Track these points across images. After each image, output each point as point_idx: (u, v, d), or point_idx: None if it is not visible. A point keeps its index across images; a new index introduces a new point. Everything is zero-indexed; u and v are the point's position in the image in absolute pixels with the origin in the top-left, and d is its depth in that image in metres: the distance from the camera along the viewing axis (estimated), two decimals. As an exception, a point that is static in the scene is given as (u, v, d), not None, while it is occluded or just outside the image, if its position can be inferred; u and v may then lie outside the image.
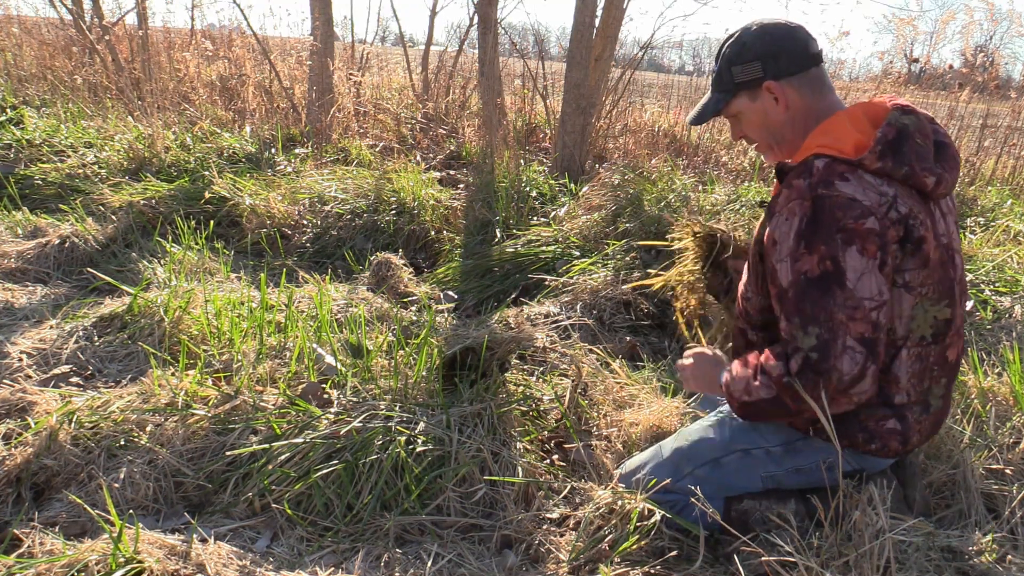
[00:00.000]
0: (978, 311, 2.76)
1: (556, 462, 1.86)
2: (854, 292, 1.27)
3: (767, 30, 1.47)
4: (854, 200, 1.29)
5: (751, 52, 1.47)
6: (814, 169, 1.35)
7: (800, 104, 1.46)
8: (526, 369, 2.26)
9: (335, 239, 3.55)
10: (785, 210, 1.35)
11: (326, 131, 5.30)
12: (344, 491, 1.60)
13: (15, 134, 4.47)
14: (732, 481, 1.54)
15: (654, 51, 6.94)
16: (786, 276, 1.34)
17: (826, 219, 1.29)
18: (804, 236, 1.31)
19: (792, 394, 1.32)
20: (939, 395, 1.45)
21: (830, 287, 1.28)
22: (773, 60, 1.45)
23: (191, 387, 1.89)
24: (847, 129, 1.39)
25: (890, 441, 1.42)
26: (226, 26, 7.73)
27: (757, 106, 1.50)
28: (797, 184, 1.35)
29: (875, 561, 1.32)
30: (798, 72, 1.45)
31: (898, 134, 1.36)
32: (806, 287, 1.30)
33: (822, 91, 1.47)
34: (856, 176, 1.33)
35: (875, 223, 1.29)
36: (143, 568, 1.29)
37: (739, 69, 1.48)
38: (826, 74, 1.49)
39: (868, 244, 1.29)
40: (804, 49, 1.46)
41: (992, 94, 5.89)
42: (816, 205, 1.31)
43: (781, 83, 1.45)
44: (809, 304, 1.30)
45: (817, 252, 1.30)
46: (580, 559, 1.47)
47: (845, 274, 1.28)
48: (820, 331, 1.28)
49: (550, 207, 3.72)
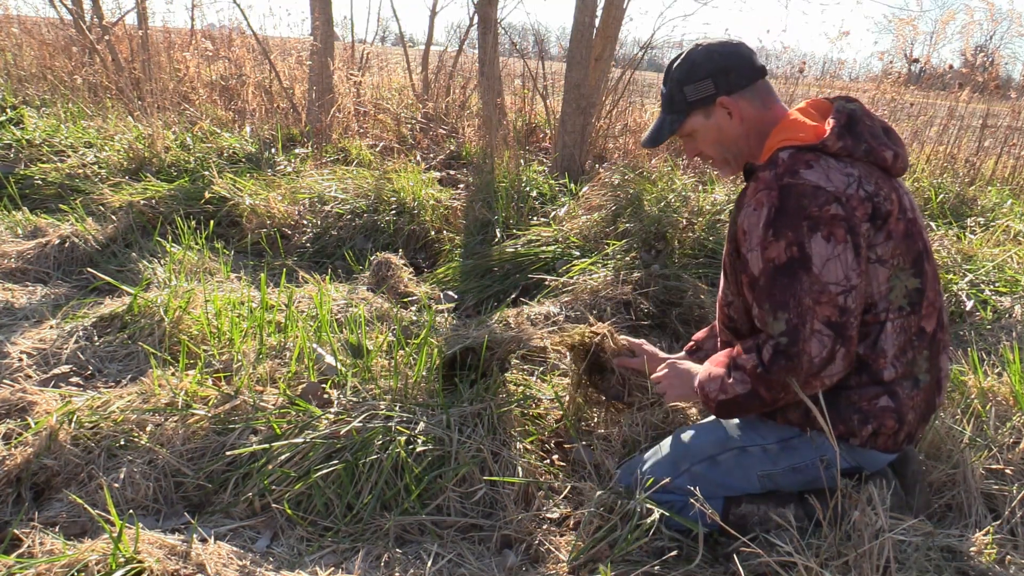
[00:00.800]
0: (978, 311, 2.76)
1: (556, 462, 1.86)
2: (820, 277, 1.33)
3: (712, 49, 1.53)
4: (819, 188, 1.35)
5: (701, 71, 1.52)
6: (779, 160, 1.41)
7: (753, 115, 1.53)
8: (526, 369, 2.27)
9: (335, 239, 3.55)
10: (753, 200, 1.40)
11: (326, 131, 5.30)
12: (344, 491, 1.60)
13: (15, 134, 4.48)
14: (729, 480, 1.54)
15: (654, 51, 6.94)
16: (756, 264, 1.39)
17: (792, 207, 1.34)
18: (772, 224, 1.36)
19: (767, 383, 1.37)
20: (924, 369, 1.46)
21: (797, 272, 1.34)
22: (724, 76, 1.51)
23: (191, 387, 1.89)
24: (803, 122, 1.46)
25: (885, 419, 1.42)
26: (226, 26, 7.73)
27: (712, 123, 1.55)
28: (764, 175, 1.41)
29: (875, 561, 1.32)
30: (748, 85, 1.52)
31: (848, 117, 1.43)
32: (775, 274, 1.36)
33: (771, 101, 1.54)
34: (820, 162, 1.39)
35: (839, 208, 1.34)
36: (143, 568, 1.29)
37: (691, 88, 1.53)
38: (771, 85, 1.57)
39: (835, 229, 1.33)
40: (751, 63, 1.53)
41: (992, 94, 5.89)
42: (783, 194, 1.36)
43: (734, 97, 1.52)
44: (778, 290, 1.35)
45: (784, 239, 1.35)
46: (580, 559, 1.47)
47: (811, 260, 1.33)
48: (789, 316, 1.34)
49: (550, 207, 3.72)
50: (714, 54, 1.52)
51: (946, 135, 5.51)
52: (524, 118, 6.17)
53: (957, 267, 3.02)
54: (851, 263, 1.34)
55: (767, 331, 1.38)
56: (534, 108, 6.34)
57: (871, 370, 1.42)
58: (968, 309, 2.78)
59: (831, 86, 7.09)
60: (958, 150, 5.43)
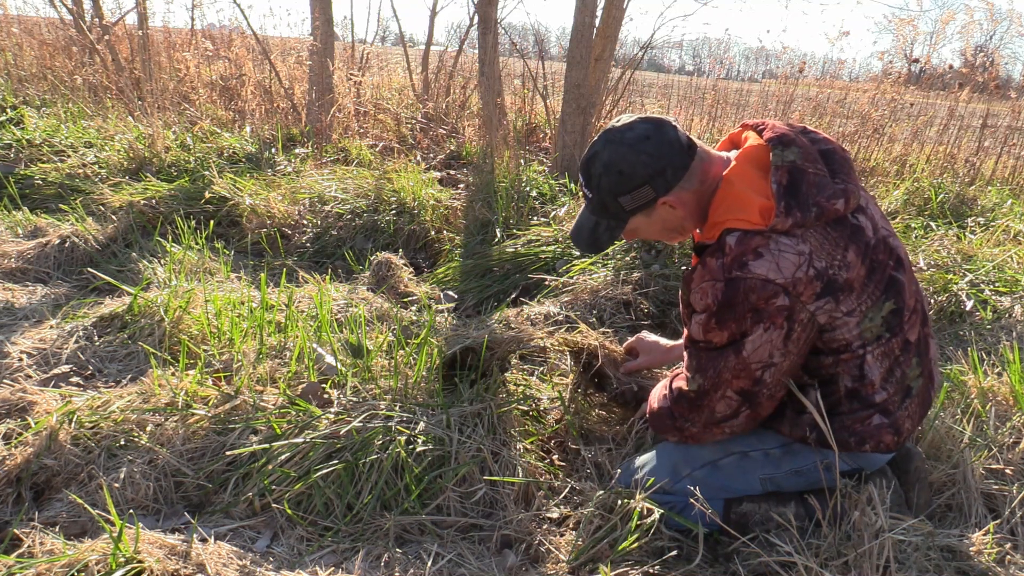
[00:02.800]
0: (978, 311, 2.76)
1: (556, 462, 1.86)
2: (746, 359, 1.36)
3: (641, 148, 1.40)
4: (767, 281, 1.31)
5: (636, 178, 1.41)
6: (727, 247, 1.34)
7: (694, 197, 1.45)
8: (526, 369, 2.27)
9: (335, 239, 3.55)
10: (699, 289, 1.38)
11: (326, 131, 5.30)
12: (344, 491, 1.60)
13: (15, 134, 4.48)
14: (730, 483, 1.54)
15: (654, 51, 6.94)
16: (697, 333, 1.43)
17: (739, 301, 1.33)
18: (716, 315, 1.36)
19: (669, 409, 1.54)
20: (916, 375, 1.45)
21: (726, 353, 1.39)
22: (660, 177, 1.41)
23: (191, 387, 1.89)
24: (746, 195, 1.36)
25: (883, 436, 1.42)
26: (226, 26, 7.73)
27: (654, 219, 1.49)
28: (710, 263, 1.36)
29: (875, 561, 1.32)
30: (684, 173, 1.42)
31: (790, 176, 1.34)
32: (708, 349, 1.42)
33: (705, 170, 1.44)
34: (769, 248, 1.31)
35: (785, 299, 1.31)
36: (143, 568, 1.29)
37: (627, 199, 1.44)
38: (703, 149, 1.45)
39: (776, 319, 1.33)
40: (680, 148, 1.41)
41: (992, 94, 5.89)
42: (729, 288, 1.33)
43: (673, 193, 1.43)
44: (704, 360, 1.42)
45: (727, 330, 1.36)
46: (580, 559, 1.47)
47: (744, 346, 1.36)
48: (703, 383, 1.43)
49: (550, 207, 3.72)
50: (643, 155, 1.39)
51: (946, 135, 5.51)
52: (524, 118, 6.17)
53: (957, 267, 3.02)
54: (778, 344, 1.35)
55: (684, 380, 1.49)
56: (534, 108, 6.34)
57: (861, 396, 1.42)
58: (968, 309, 2.78)
59: (831, 86, 7.09)
60: (958, 150, 5.44)
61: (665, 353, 1.92)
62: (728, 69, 13.18)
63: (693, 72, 10.13)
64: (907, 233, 3.58)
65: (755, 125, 1.48)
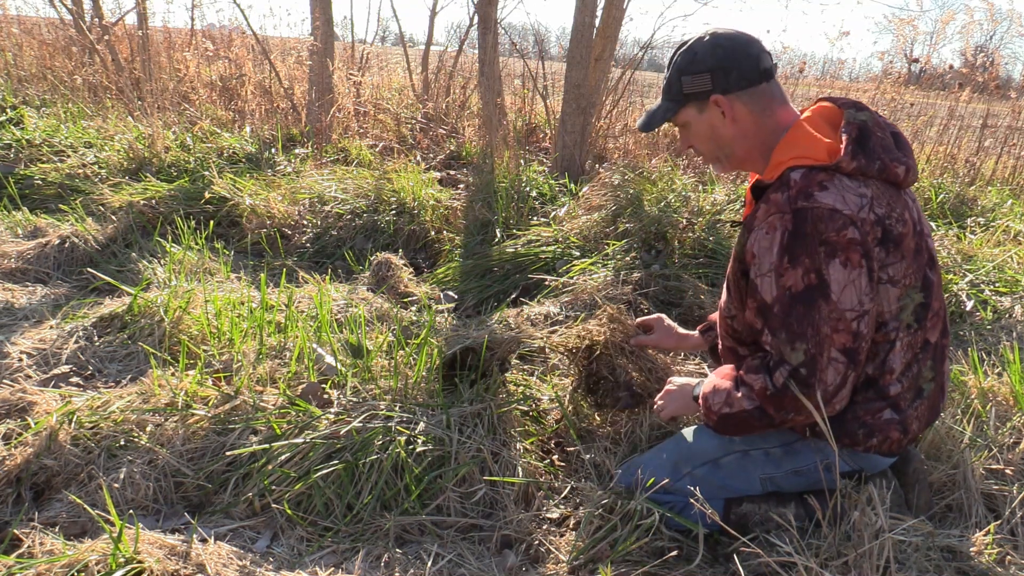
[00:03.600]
0: (978, 311, 2.76)
1: (556, 462, 1.86)
2: (838, 304, 1.29)
3: (719, 42, 1.44)
4: (835, 211, 1.29)
5: (701, 64, 1.44)
6: (791, 181, 1.34)
7: (749, 120, 1.45)
8: (526, 369, 2.27)
9: (335, 239, 3.55)
10: (765, 224, 1.34)
11: (326, 131, 5.30)
12: (344, 491, 1.60)
13: (15, 134, 4.47)
14: (731, 482, 1.54)
15: (654, 51, 6.94)
16: (770, 291, 1.34)
17: (808, 231, 1.29)
18: (788, 250, 1.31)
19: (776, 404, 1.35)
20: (929, 378, 1.45)
21: (815, 300, 1.30)
22: (723, 74, 1.43)
23: (191, 387, 1.89)
24: (814, 137, 1.38)
25: (890, 432, 1.42)
26: (226, 26, 7.73)
27: (705, 118, 1.49)
28: (775, 198, 1.34)
29: (875, 561, 1.32)
30: (748, 87, 1.43)
31: (860, 131, 1.37)
32: (791, 302, 1.31)
33: (773, 106, 1.46)
34: (834, 183, 1.32)
35: (856, 232, 1.29)
36: (143, 568, 1.29)
37: (688, 80, 1.46)
38: (779, 87, 1.48)
39: (851, 254, 1.29)
40: (755, 64, 1.43)
41: (992, 94, 5.89)
42: (797, 218, 1.30)
43: (730, 97, 1.44)
44: (795, 320, 1.31)
45: (801, 266, 1.30)
46: (580, 559, 1.47)
47: (830, 287, 1.29)
48: (808, 347, 1.30)
49: (550, 207, 3.72)
50: (719, 48, 1.43)
51: (946, 135, 5.51)
52: (524, 118, 6.17)
53: (957, 267, 3.02)
54: (865, 288, 1.31)
55: (784, 359, 1.33)
56: (534, 108, 6.34)
57: (877, 386, 1.41)
58: (968, 309, 2.78)
59: (831, 86, 7.09)
60: (958, 150, 5.44)
61: (678, 339, 1.91)
62: (728, 69, 13.09)
63: (693, 72, 10.13)
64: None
65: (832, 98, 1.49)
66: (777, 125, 1.46)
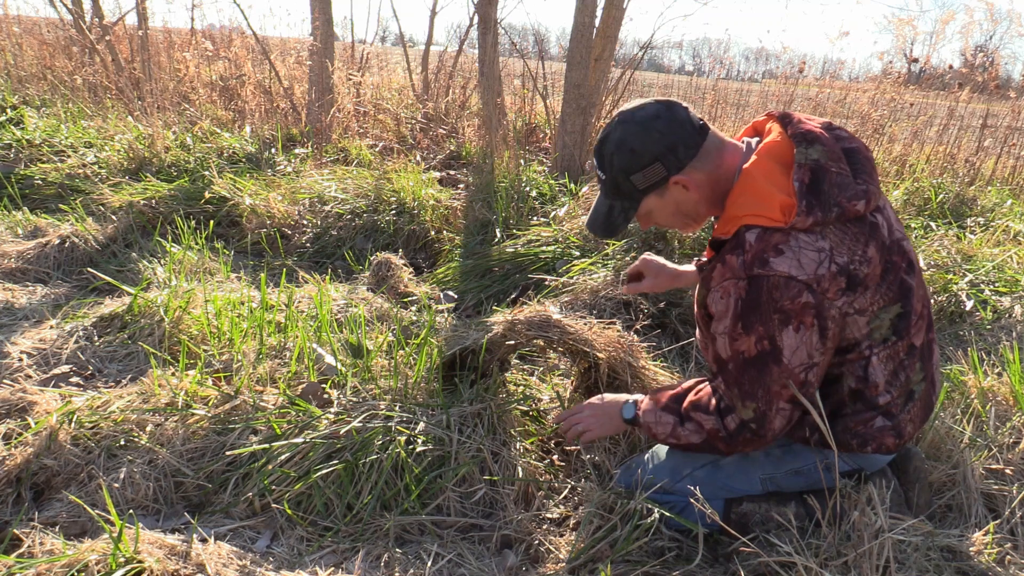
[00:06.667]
0: (978, 311, 2.76)
1: (556, 462, 1.86)
2: (788, 365, 1.32)
3: (651, 127, 1.39)
4: (791, 279, 1.27)
5: (647, 156, 1.40)
6: (747, 244, 1.31)
7: (707, 180, 1.43)
8: (526, 369, 2.27)
9: (335, 239, 3.55)
10: (720, 288, 1.35)
11: (326, 131, 5.30)
12: (344, 491, 1.60)
13: (15, 134, 4.48)
14: (731, 483, 1.54)
15: (654, 51, 6.95)
16: (724, 350, 1.38)
17: (763, 300, 1.29)
18: (741, 317, 1.32)
19: (727, 443, 1.44)
20: (919, 380, 1.45)
21: (767, 364, 1.33)
22: (671, 154, 1.39)
23: (191, 387, 1.89)
24: (767, 190, 1.34)
25: (885, 439, 1.42)
26: (226, 26, 7.73)
27: (667, 200, 1.46)
28: (731, 260, 1.33)
29: (874, 561, 1.32)
30: (696, 152, 1.40)
31: (812, 174, 1.32)
32: (744, 365, 1.36)
33: (720, 154, 1.43)
34: (790, 244, 1.29)
35: (810, 296, 1.28)
36: (143, 568, 1.29)
37: (639, 177, 1.42)
38: (713, 132, 1.44)
39: (805, 318, 1.30)
40: (692, 128, 1.40)
41: (992, 94, 5.90)
42: (752, 286, 1.30)
43: (686, 172, 1.41)
44: (747, 381, 1.36)
45: (755, 333, 1.32)
46: (580, 559, 1.47)
47: (782, 352, 1.31)
48: (758, 405, 1.37)
49: (550, 207, 3.72)
50: (653, 133, 1.38)
51: (946, 135, 5.51)
52: (524, 118, 6.17)
53: (957, 267, 3.02)
54: (816, 344, 1.31)
55: (735, 410, 1.40)
56: (534, 108, 6.34)
57: (865, 397, 1.41)
58: (968, 309, 2.78)
59: (831, 86, 7.09)
60: (958, 150, 5.44)
61: (673, 278, 1.85)
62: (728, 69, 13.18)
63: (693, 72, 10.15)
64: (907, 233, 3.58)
65: (780, 116, 1.44)
66: (728, 170, 1.42)
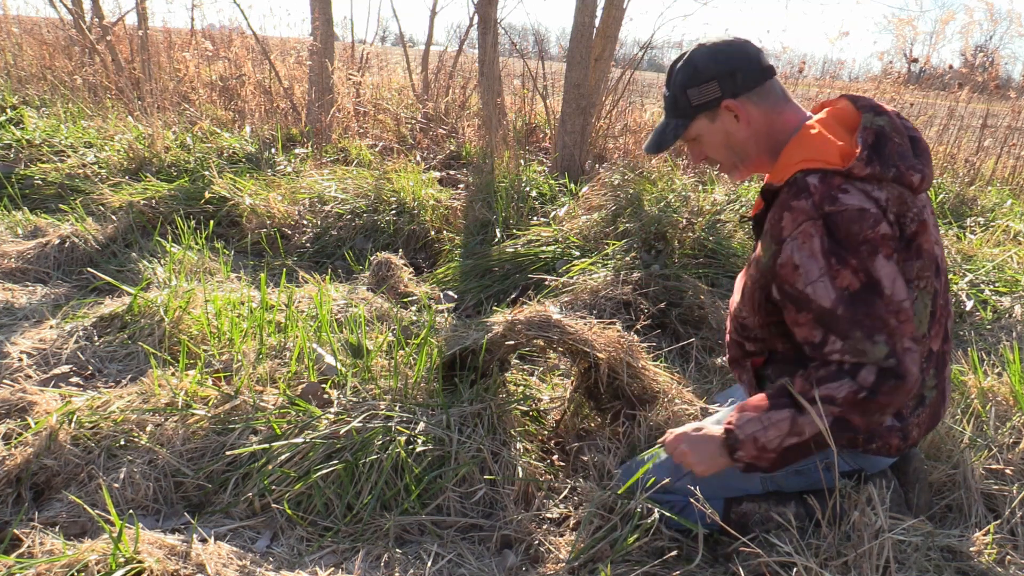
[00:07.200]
0: (978, 311, 2.76)
1: (556, 462, 1.86)
2: (893, 297, 1.27)
3: (718, 49, 1.45)
4: (864, 210, 1.28)
5: (706, 73, 1.44)
6: (811, 187, 1.32)
7: (761, 119, 1.45)
8: (526, 369, 2.27)
9: (335, 239, 3.55)
10: (798, 233, 1.31)
11: (326, 131, 5.30)
12: (344, 491, 1.60)
13: (15, 134, 4.47)
14: (731, 482, 1.53)
15: (654, 51, 6.95)
16: (827, 295, 1.29)
17: (844, 234, 1.28)
18: (832, 253, 1.28)
19: (865, 408, 1.27)
20: (932, 386, 1.45)
21: (872, 298, 1.27)
22: (729, 78, 1.43)
23: (191, 387, 1.89)
24: (827, 139, 1.36)
25: (891, 439, 1.42)
26: (226, 26, 7.73)
27: (717, 126, 1.48)
28: (799, 205, 1.32)
29: (874, 561, 1.32)
30: (755, 87, 1.44)
31: (876, 136, 1.35)
32: (853, 302, 1.28)
33: (781, 103, 1.46)
34: (853, 185, 1.31)
35: (887, 228, 1.29)
36: (143, 568, 1.29)
37: (695, 92, 1.46)
38: (781, 86, 1.48)
39: (888, 249, 1.29)
40: (758, 64, 1.44)
41: (992, 94, 5.90)
42: (829, 223, 1.29)
43: (740, 100, 1.44)
44: (865, 317, 1.27)
45: (849, 266, 1.28)
46: (580, 559, 1.47)
47: (881, 282, 1.27)
48: (887, 338, 1.26)
49: (550, 207, 3.72)
50: (719, 55, 1.44)
51: (946, 135, 5.51)
52: (524, 118, 6.17)
53: (957, 267, 3.02)
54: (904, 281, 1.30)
55: (864, 359, 1.27)
56: (534, 108, 6.34)
57: None
58: (968, 309, 2.78)
59: (831, 86, 7.09)
60: (958, 150, 5.44)
61: None
62: (728, 69, 13.08)
63: (693, 72, 10.13)
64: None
65: (850, 96, 1.47)
66: (786, 124, 1.45)
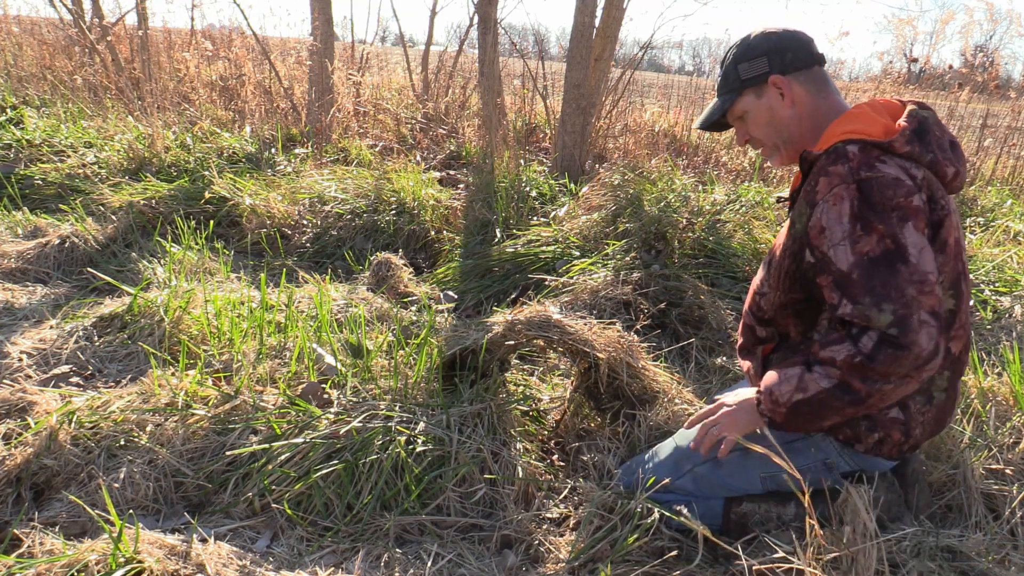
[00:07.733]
0: (978, 311, 2.76)
1: (556, 462, 1.86)
2: (918, 266, 1.26)
3: (771, 31, 1.53)
4: (899, 179, 1.30)
5: (757, 49, 1.51)
6: (850, 154, 1.34)
7: (806, 101, 1.50)
8: (526, 369, 2.27)
9: (335, 239, 3.55)
10: (830, 196, 1.33)
11: (326, 131, 5.30)
12: (344, 491, 1.60)
13: (15, 134, 4.47)
14: (731, 481, 1.54)
15: (654, 51, 6.95)
16: (845, 259, 1.30)
17: (877, 199, 1.29)
18: (859, 217, 1.29)
19: (863, 373, 1.27)
20: (942, 388, 1.44)
21: (894, 265, 1.26)
22: (779, 55, 1.49)
23: (191, 387, 1.89)
24: (872, 116, 1.41)
25: (892, 431, 1.42)
26: (226, 26, 7.73)
27: (763, 103, 1.52)
28: (836, 170, 1.34)
29: (874, 561, 1.32)
30: (803, 68, 1.49)
31: (920, 124, 1.39)
32: (871, 267, 1.28)
33: (827, 90, 1.51)
34: (890, 158, 1.34)
35: (920, 201, 1.31)
36: (143, 568, 1.29)
37: (745, 66, 1.52)
38: (829, 77, 1.53)
39: (919, 221, 1.29)
40: (808, 49, 1.51)
41: (992, 94, 5.90)
42: (863, 187, 1.30)
43: (787, 78, 1.49)
44: (879, 282, 1.26)
45: (875, 232, 1.28)
46: (580, 559, 1.47)
47: (907, 250, 1.27)
48: (895, 307, 1.24)
49: (550, 207, 3.72)
50: (772, 35, 1.52)
51: (946, 135, 5.50)
52: (524, 118, 6.18)
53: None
54: (934, 256, 1.30)
55: (870, 324, 1.26)
56: (534, 108, 6.34)
57: None
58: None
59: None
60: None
61: None
62: (728, 69, 13.11)
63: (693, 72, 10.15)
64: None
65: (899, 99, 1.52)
66: (831, 108, 1.49)
